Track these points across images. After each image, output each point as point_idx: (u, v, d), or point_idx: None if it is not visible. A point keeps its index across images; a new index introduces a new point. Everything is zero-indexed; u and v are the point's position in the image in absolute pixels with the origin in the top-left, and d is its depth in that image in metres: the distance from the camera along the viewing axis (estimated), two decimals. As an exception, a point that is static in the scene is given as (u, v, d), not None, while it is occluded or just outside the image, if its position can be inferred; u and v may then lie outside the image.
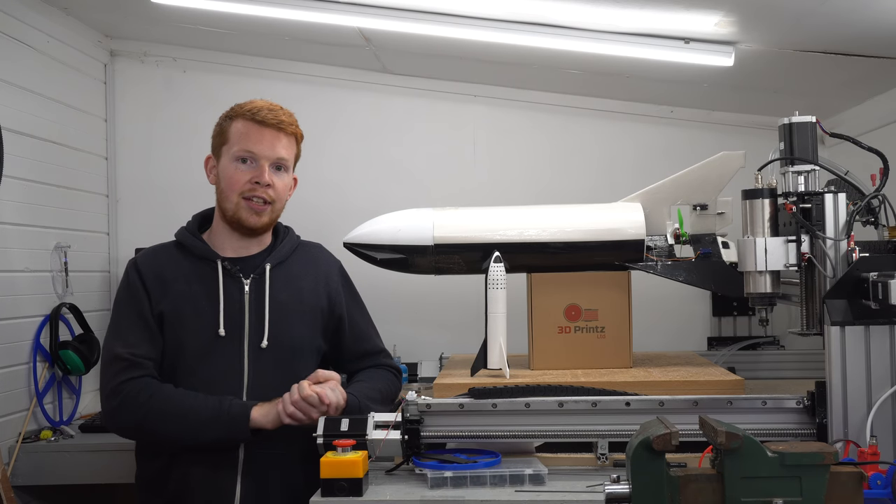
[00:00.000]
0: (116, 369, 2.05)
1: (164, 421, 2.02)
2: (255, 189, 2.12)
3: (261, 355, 2.11)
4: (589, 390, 1.97)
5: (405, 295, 3.19)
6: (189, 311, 2.10)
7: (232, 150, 2.14)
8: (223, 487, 2.05)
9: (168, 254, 2.19)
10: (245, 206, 2.13)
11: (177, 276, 2.13)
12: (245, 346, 2.11)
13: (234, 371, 2.09)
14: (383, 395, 2.22)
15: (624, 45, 2.66)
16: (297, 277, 2.22)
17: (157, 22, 3.14)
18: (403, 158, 3.41)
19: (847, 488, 1.33)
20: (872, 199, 1.89)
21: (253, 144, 2.12)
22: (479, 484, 1.75)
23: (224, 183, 2.15)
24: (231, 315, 2.11)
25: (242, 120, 2.14)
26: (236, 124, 2.15)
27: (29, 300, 2.79)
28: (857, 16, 2.27)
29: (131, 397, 2.02)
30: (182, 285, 2.12)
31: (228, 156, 2.15)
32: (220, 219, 2.20)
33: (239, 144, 2.13)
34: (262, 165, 2.12)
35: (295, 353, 2.16)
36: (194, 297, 2.11)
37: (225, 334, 2.09)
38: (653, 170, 2.57)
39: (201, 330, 2.09)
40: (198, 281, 2.13)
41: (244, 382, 2.09)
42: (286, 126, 2.16)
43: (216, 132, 2.20)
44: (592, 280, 2.32)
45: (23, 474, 2.64)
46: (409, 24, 2.72)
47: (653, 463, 1.34)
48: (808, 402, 1.80)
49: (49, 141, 2.96)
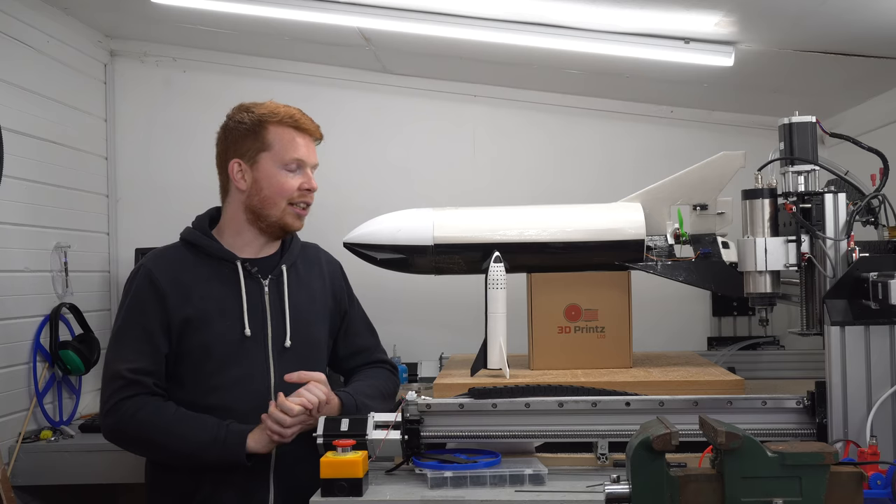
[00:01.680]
0: (115, 387, 2.05)
1: (161, 441, 2.03)
2: (304, 195, 2.17)
3: (284, 355, 2.12)
4: (589, 390, 1.97)
5: (405, 295, 3.19)
6: (214, 313, 2.09)
7: (278, 157, 2.13)
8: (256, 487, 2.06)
9: (180, 256, 2.16)
10: (291, 212, 2.16)
11: (196, 278, 2.12)
12: (269, 346, 2.12)
13: (261, 371, 2.10)
14: (381, 393, 2.22)
15: (624, 45, 2.66)
16: (306, 278, 2.23)
17: (157, 22, 3.14)
18: (403, 158, 3.42)
19: (847, 488, 1.33)
20: (872, 199, 1.89)
21: (301, 152, 2.15)
22: (479, 484, 1.75)
23: (271, 190, 2.13)
24: (254, 315, 2.12)
25: (283, 127, 2.14)
26: (277, 131, 2.13)
27: (29, 300, 2.79)
28: (857, 16, 2.27)
29: (128, 416, 2.03)
30: (203, 287, 2.11)
31: (273, 162, 2.13)
32: (244, 221, 2.17)
33: (287, 153, 2.13)
34: (309, 173, 2.18)
35: (314, 352, 2.18)
36: (218, 298, 2.11)
37: (251, 335, 2.10)
38: (653, 170, 2.57)
39: (228, 331, 2.09)
40: (218, 282, 2.13)
41: (272, 382, 2.10)
42: (318, 133, 2.21)
43: (243, 136, 2.14)
44: (592, 280, 2.32)
45: (23, 474, 2.64)
46: (409, 24, 2.72)
47: (653, 463, 1.34)
48: (808, 402, 1.80)
49: (49, 141, 2.96)
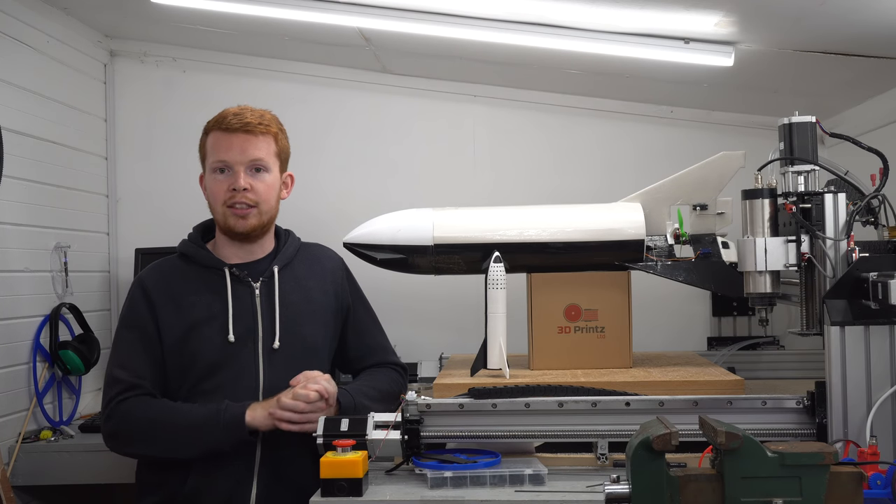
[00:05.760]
0: (113, 392, 2.09)
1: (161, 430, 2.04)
2: (234, 196, 2.15)
3: (274, 357, 2.13)
4: (589, 390, 1.97)
5: (405, 295, 3.19)
6: (202, 321, 2.12)
7: (209, 162, 2.18)
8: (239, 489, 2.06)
9: (174, 268, 2.21)
10: (231, 214, 2.16)
11: (185, 289, 2.15)
12: (259, 349, 2.13)
13: (249, 374, 2.11)
14: (383, 394, 2.22)
15: (624, 45, 2.66)
16: (303, 278, 2.24)
17: (157, 22, 3.14)
18: (403, 158, 3.41)
19: (847, 488, 1.33)
20: (872, 199, 1.89)
21: (224, 153, 2.15)
22: (479, 484, 1.75)
23: (210, 196, 2.20)
24: (244, 320, 2.13)
25: (214, 132, 2.18)
26: (212, 137, 2.19)
27: (29, 300, 2.79)
28: (857, 16, 2.26)
29: (127, 414, 2.06)
30: (192, 297, 2.14)
31: (209, 170, 2.19)
32: (219, 230, 2.24)
33: (213, 156, 2.17)
34: (237, 171, 2.15)
35: (308, 354, 2.18)
36: (206, 305, 2.13)
37: (237, 339, 2.11)
38: (653, 170, 2.57)
39: (215, 337, 2.11)
40: (207, 290, 2.15)
41: (260, 385, 2.11)
42: (254, 127, 2.16)
43: (201, 148, 2.23)
44: (592, 280, 2.32)
45: (23, 474, 2.64)
46: (408, 24, 2.72)
47: (653, 463, 1.34)
48: (807, 402, 1.80)
49: (49, 141, 2.96)
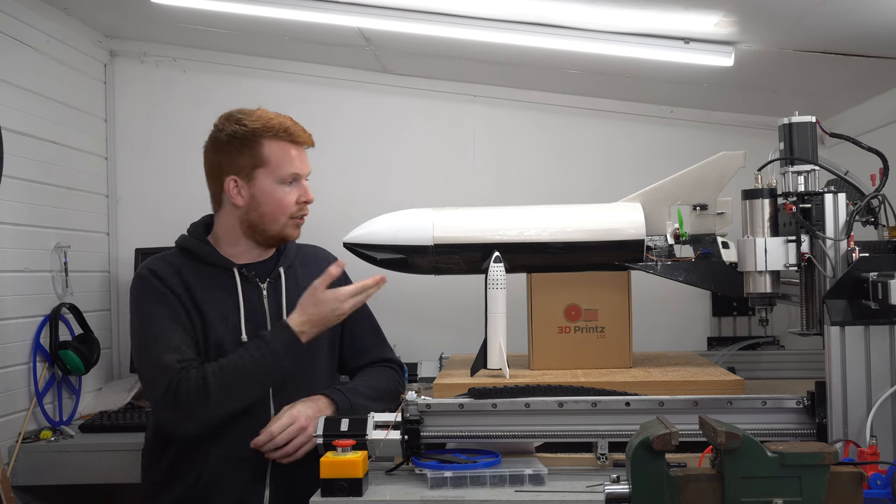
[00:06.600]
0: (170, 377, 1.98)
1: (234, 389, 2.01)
2: (303, 208, 2.17)
3: None
4: (589, 390, 1.96)
5: (405, 295, 3.19)
6: (216, 318, 2.11)
7: (275, 173, 2.12)
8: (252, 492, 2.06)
9: (179, 262, 2.16)
10: (291, 224, 2.17)
11: (197, 282, 2.12)
12: None
13: None
14: (379, 393, 2.21)
15: (624, 45, 2.66)
16: (305, 279, 2.22)
17: (156, 22, 3.14)
18: (403, 158, 3.41)
19: (847, 488, 1.33)
20: (872, 199, 1.89)
21: (296, 166, 2.14)
22: (479, 484, 1.75)
23: (270, 206, 2.13)
24: (253, 319, 2.13)
25: (278, 140, 2.12)
26: (271, 145, 2.11)
27: (29, 300, 2.79)
28: (857, 16, 2.26)
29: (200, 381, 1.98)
30: (204, 293, 2.12)
31: (271, 179, 2.12)
32: (240, 234, 2.18)
33: (284, 168, 2.12)
34: (305, 184, 2.17)
35: (311, 353, 2.17)
36: (218, 303, 2.12)
37: (248, 339, 2.10)
38: (653, 170, 2.57)
39: (227, 335, 2.10)
40: (218, 288, 2.14)
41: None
42: (311, 140, 2.19)
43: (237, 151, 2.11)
44: (592, 280, 2.32)
45: (23, 474, 2.64)
46: (408, 24, 2.72)
47: (653, 463, 1.34)
48: (807, 402, 1.80)
49: (49, 141, 2.95)
